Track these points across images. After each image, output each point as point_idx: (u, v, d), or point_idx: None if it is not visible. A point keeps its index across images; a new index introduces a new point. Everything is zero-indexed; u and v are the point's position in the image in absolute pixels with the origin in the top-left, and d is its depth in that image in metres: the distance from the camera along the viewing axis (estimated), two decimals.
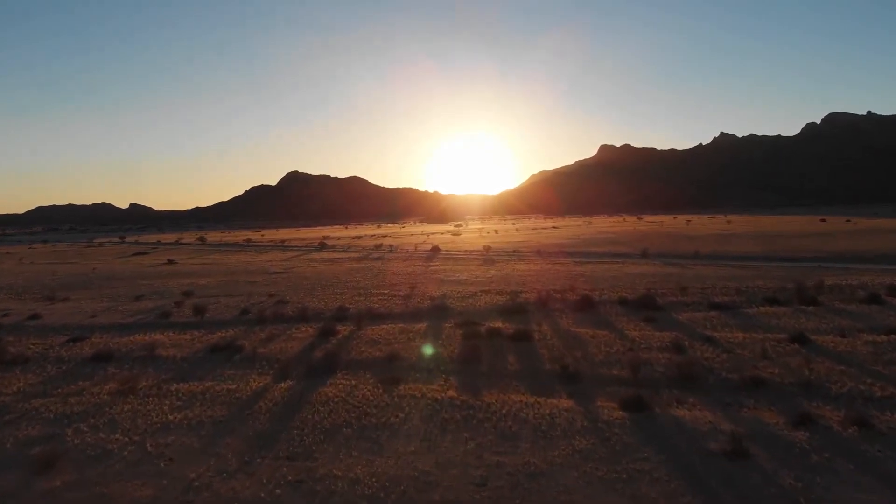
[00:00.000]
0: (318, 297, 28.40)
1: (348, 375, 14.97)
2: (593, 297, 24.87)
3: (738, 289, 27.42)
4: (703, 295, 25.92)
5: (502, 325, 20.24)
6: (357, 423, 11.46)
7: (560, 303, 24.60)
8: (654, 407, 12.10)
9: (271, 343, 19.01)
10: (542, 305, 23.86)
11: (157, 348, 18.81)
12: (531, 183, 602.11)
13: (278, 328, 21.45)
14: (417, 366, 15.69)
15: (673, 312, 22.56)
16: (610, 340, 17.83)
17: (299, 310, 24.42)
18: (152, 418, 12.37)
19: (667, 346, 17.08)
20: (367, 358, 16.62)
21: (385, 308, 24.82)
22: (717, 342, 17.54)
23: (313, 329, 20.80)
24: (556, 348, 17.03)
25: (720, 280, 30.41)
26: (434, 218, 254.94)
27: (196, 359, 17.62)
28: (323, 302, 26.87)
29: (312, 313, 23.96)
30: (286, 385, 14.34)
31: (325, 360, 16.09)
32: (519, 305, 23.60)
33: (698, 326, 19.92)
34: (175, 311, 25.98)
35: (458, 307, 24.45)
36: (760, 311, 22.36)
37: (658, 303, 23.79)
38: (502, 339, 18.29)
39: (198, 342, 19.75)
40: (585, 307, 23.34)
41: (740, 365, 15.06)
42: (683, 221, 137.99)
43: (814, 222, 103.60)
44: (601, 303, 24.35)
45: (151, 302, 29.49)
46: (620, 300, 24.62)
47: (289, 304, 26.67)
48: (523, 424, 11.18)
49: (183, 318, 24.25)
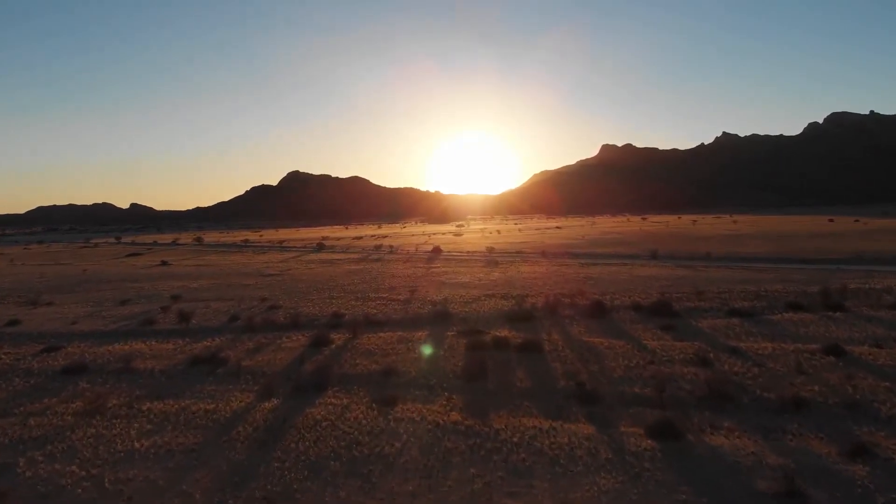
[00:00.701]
0: (312, 302, 26.91)
1: (340, 393, 13.48)
2: (605, 303, 23.35)
3: (756, 293, 25.92)
4: (722, 300, 24.42)
5: (509, 334, 18.74)
6: (346, 455, 9.96)
7: (570, 308, 23.09)
8: (687, 433, 10.60)
9: (258, 354, 17.52)
10: (550, 311, 22.35)
11: (135, 360, 17.34)
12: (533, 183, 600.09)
13: (268, 337, 19.96)
14: (417, 381, 14.18)
15: (691, 319, 21.05)
16: (628, 352, 16.32)
17: (291, 316, 22.93)
18: (116, 446, 10.88)
19: (690, 358, 15.58)
20: (362, 372, 15.12)
21: (383, 314, 23.32)
22: (744, 354, 16.03)
23: (305, 338, 19.31)
24: (569, 361, 15.52)
25: (736, 283, 28.89)
26: (435, 218, 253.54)
27: (175, 372, 16.13)
28: (317, 307, 25.38)
29: (305, 320, 22.47)
30: (270, 405, 12.85)
31: (315, 374, 14.59)
32: (526, 311, 22.09)
33: (721, 335, 18.42)
34: (160, 317, 24.52)
35: (460, 313, 22.96)
36: (785, 318, 20.85)
37: (674, 309, 22.27)
38: (510, 349, 16.78)
39: (179, 353, 18.27)
40: (597, 313, 21.83)
41: (775, 382, 13.56)
42: (689, 222, 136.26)
43: (822, 222, 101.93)
44: (614, 308, 22.83)
45: (138, 307, 28.02)
46: (634, 306, 23.10)
47: (281, 309, 25.19)
48: (538, 457, 9.67)
49: (167, 325, 22.78)
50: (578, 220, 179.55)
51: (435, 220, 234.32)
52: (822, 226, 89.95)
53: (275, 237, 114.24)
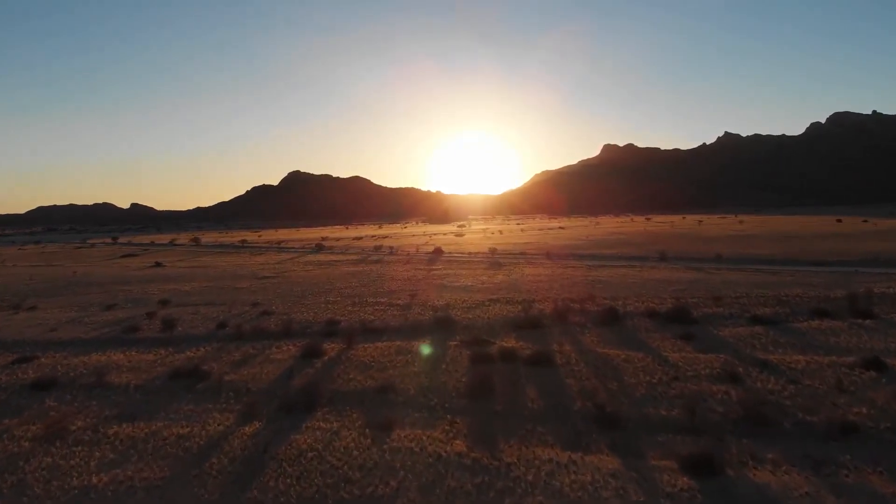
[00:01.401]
0: (307, 307, 25.49)
1: (330, 414, 12.06)
2: (617, 309, 21.91)
3: (777, 298, 24.48)
4: (741, 305, 22.99)
5: (516, 344, 17.32)
6: (334, 496, 8.53)
7: (580, 315, 21.66)
8: (727, 468, 9.18)
9: (244, 367, 16.10)
10: (560, 318, 20.91)
11: (111, 373, 15.95)
12: (534, 183, 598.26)
13: (256, 346, 18.55)
14: (416, 400, 12.76)
15: (711, 327, 19.62)
16: (648, 366, 14.89)
17: (284, 323, 21.51)
18: (72, 480, 9.48)
19: (718, 373, 14.15)
20: (356, 389, 13.70)
21: (381, 321, 21.89)
22: (776, 368, 14.59)
23: (296, 348, 17.89)
24: (584, 376, 14.08)
25: (753, 287, 27.44)
26: (436, 218, 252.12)
27: (152, 388, 14.72)
28: (312, 313, 23.95)
29: (298, 327, 21.05)
30: (252, 428, 11.44)
31: (304, 391, 13.17)
32: (534, 318, 20.65)
33: (746, 346, 16.99)
34: (145, 323, 23.10)
35: (463, 319, 21.53)
36: (812, 327, 19.41)
37: (692, 315, 20.84)
38: (518, 362, 15.35)
39: (159, 365, 16.85)
40: (610, 321, 20.39)
41: (816, 402, 12.14)
42: (694, 222, 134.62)
43: (830, 223, 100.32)
44: (627, 315, 21.39)
45: (123, 312, 26.61)
46: (649, 312, 21.66)
47: (273, 315, 23.77)
48: (558, 500, 8.24)
49: (151, 333, 21.36)
50: (581, 221, 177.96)
51: (436, 221, 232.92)
52: (830, 226, 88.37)
53: (273, 237, 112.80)
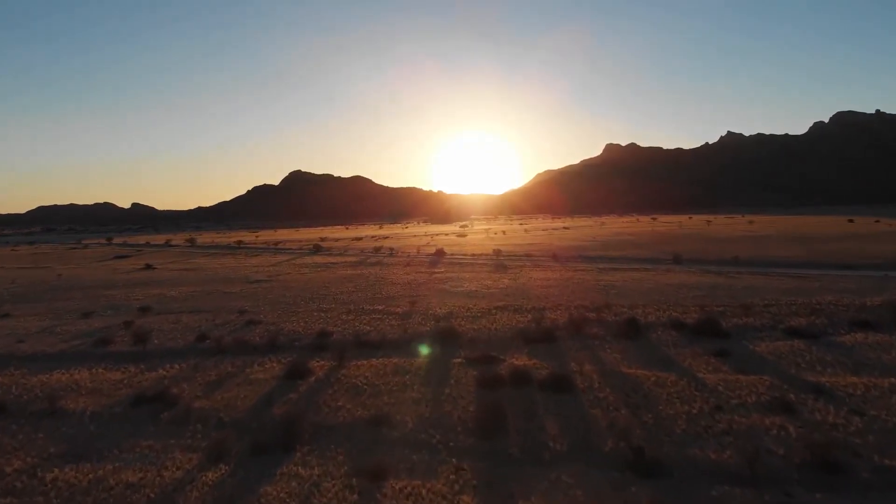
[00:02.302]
0: (297, 316, 23.46)
1: (312, 455, 10.06)
2: (638, 319, 19.88)
3: (809, 306, 22.43)
4: (772, 315, 20.94)
5: (529, 362, 15.31)
6: None
7: (597, 325, 19.62)
8: None
9: (219, 389, 14.08)
10: (575, 330, 18.87)
11: (67, 397, 13.97)
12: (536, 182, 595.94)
13: (237, 363, 16.54)
14: (414, 437, 10.74)
15: (745, 341, 17.59)
16: (684, 391, 12.85)
17: (270, 335, 19.51)
18: None
19: (767, 401, 12.13)
20: (344, 421, 11.68)
21: (377, 332, 19.86)
22: (832, 394, 12.56)
23: (280, 366, 15.88)
24: (612, 405, 12.05)
25: (781, 294, 25.39)
26: (438, 218, 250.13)
27: (110, 416, 12.73)
28: (302, 323, 21.93)
29: (285, 340, 19.04)
30: (216, 475, 9.45)
31: (283, 424, 11.17)
32: (546, 330, 18.61)
33: (790, 365, 14.97)
34: (120, 335, 21.09)
35: (468, 331, 19.49)
36: (857, 341, 17.37)
37: (722, 327, 18.80)
38: (533, 386, 13.32)
39: (125, 386, 14.85)
40: (631, 333, 18.35)
41: (891, 439, 10.15)
42: (701, 222, 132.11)
43: (842, 223, 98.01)
44: (650, 326, 19.35)
45: (100, 321, 24.62)
46: (673, 323, 19.61)
47: (260, 325, 21.76)
48: None
49: (124, 346, 19.34)
50: (585, 221, 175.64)
51: (438, 221, 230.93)
52: (844, 227, 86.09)
53: (271, 238, 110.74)
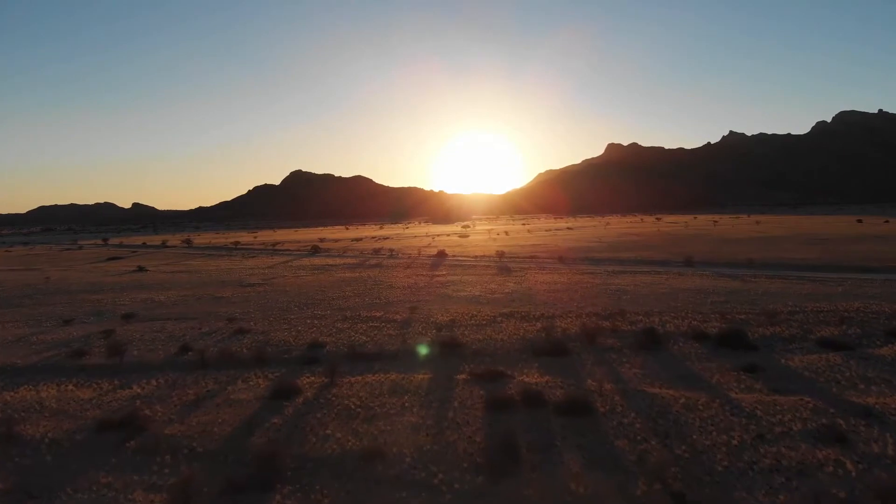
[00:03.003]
0: (289, 324, 21.97)
1: (292, 499, 8.58)
2: (656, 328, 18.39)
3: (838, 314, 20.93)
4: (800, 324, 19.44)
5: (541, 379, 13.81)
6: None
7: (612, 336, 18.12)
8: None
9: (195, 412, 12.59)
10: (589, 341, 17.38)
11: (28, 420, 12.50)
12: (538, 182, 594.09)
13: (219, 378, 15.07)
14: (412, 476, 9.25)
15: (775, 354, 16.11)
16: (717, 415, 11.34)
17: (258, 346, 18.05)
18: None
19: (814, 428, 10.63)
20: (332, 454, 10.17)
21: (374, 343, 18.37)
22: (885, 420, 11.08)
23: (266, 383, 14.41)
24: (639, 434, 10.55)
25: (804, 300, 23.89)
26: (439, 218, 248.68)
27: (71, 444, 11.26)
28: (294, 332, 20.43)
29: (274, 352, 17.57)
30: None
31: (263, 458, 9.70)
32: (558, 342, 17.11)
33: (830, 383, 13.49)
34: (98, 345, 19.62)
35: (473, 342, 18.01)
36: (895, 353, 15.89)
37: (749, 338, 17.30)
38: (547, 410, 11.81)
39: (92, 407, 13.37)
40: (650, 344, 16.87)
41: None
42: (707, 222, 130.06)
43: (850, 223, 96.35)
44: (669, 337, 17.84)
45: (80, 328, 23.16)
46: (695, 333, 18.10)
47: (248, 334, 20.27)
48: None
49: (99, 359, 17.87)
50: (589, 221, 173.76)
51: (439, 221, 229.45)
52: (853, 227, 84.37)
53: (270, 239, 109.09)
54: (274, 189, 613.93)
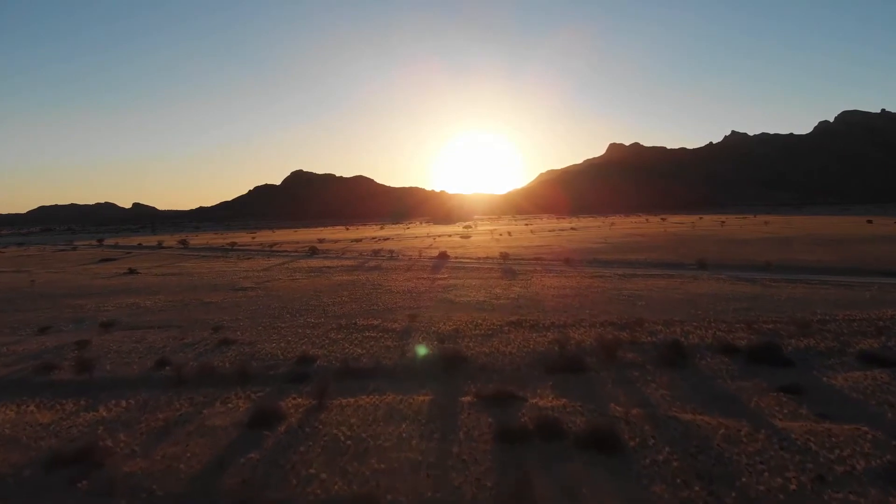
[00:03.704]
0: (279, 333, 20.39)
1: None
2: (680, 341, 16.78)
3: (873, 324, 19.36)
4: (835, 335, 17.84)
5: (558, 402, 12.21)
6: None
7: (632, 349, 16.51)
8: None
9: (164, 442, 11.00)
10: (607, 355, 15.77)
11: None
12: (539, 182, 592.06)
13: (196, 399, 13.49)
14: None
15: (815, 370, 14.51)
16: (766, 450, 9.74)
17: (241, 360, 16.46)
18: None
19: (880, 466, 9.09)
20: (316, 501, 8.59)
21: (369, 357, 16.78)
22: None
23: (247, 405, 12.82)
24: (678, 476, 8.94)
25: (833, 307, 22.27)
26: (441, 218, 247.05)
27: (16, 482, 9.71)
28: (283, 343, 18.83)
29: (259, 367, 15.98)
30: None
31: None
32: (573, 357, 15.51)
33: (883, 406, 11.91)
34: (70, 357, 18.04)
35: (478, 355, 16.42)
36: None
37: (783, 352, 15.69)
38: (567, 443, 10.22)
39: (49, 435, 11.79)
40: (675, 359, 15.26)
41: None
42: (713, 222, 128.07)
43: (860, 224, 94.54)
44: (695, 350, 16.23)
45: (55, 338, 21.59)
46: (722, 345, 16.50)
47: (233, 346, 18.67)
48: None
49: (69, 375, 16.28)
50: (592, 221, 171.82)
51: (440, 221, 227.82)
52: (864, 228, 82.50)
53: (268, 239, 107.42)
54: (275, 189, 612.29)
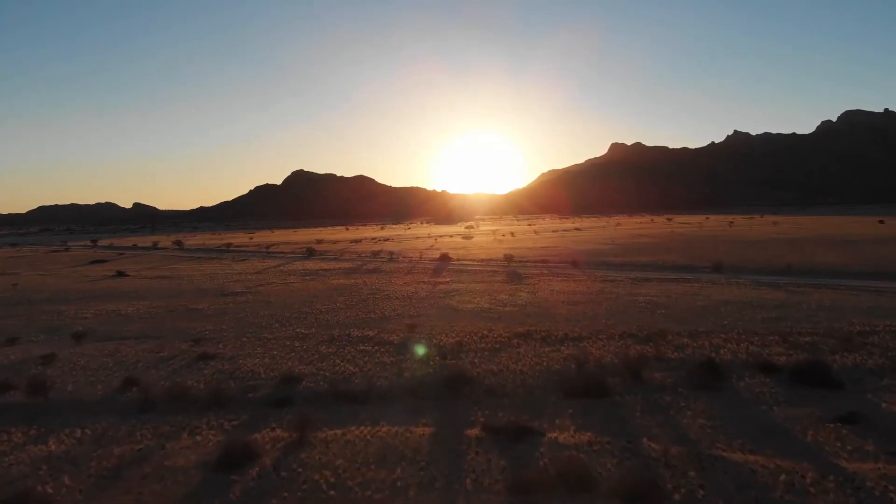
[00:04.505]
0: (264, 347, 18.53)
1: None
2: (713, 358, 14.92)
3: None
4: (882, 351, 15.99)
5: (581, 438, 10.37)
6: None
7: (659, 367, 14.65)
8: None
9: (113, 488, 9.17)
10: (632, 375, 13.93)
11: None
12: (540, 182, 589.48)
13: (161, 429, 11.66)
14: None
15: (870, 394, 12.66)
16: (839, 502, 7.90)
17: (219, 379, 14.65)
18: None
19: None
20: None
21: (362, 376, 14.93)
22: None
23: (218, 437, 10.99)
24: None
25: (869, 316, 20.41)
26: (442, 218, 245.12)
27: None
28: (267, 359, 16.97)
29: (237, 388, 14.14)
30: None
31: None
32: (594, 378, 13.65)
33: None
34: (32, 374, 16.20)
35: (485, 374, 14.59)
36: None
37: (831, 372, 13.83)
38: (599, 494, 8.37)
39: None
40: (709, 380, 13.39)
41: None
42: (720, 223, 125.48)
43: (872, 224, 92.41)
44: (730, 368, 14.35)
45: (22, 349, 19.81)
46: (759, 363, 14.64)
47: (213, 361, 16.83)
48: None
49: (22, 397, 14.44)
50: (596, 221, 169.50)
51: (441, 221, 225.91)
52: (877, 229, 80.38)
53: (266, 240, 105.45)
54: (275, 189, 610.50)
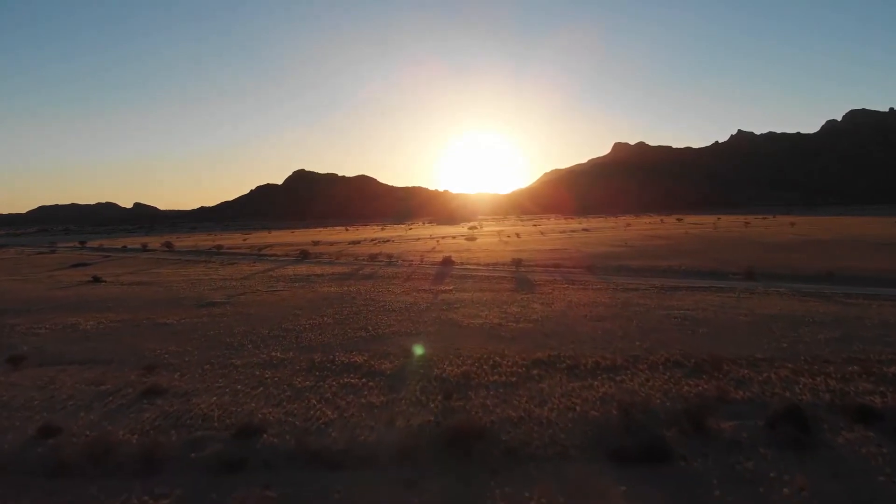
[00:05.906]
0: (228, 378, 15.19)
1: None
2: (797, 402, 11.60)
3: None
4: None
5: None
6: None
7: (726, 414, 11.31)
8: None
9: None
10: (693, 423, 10.63)
11: None
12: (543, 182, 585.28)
13: None
14: None
15: None
16: None
17: (158, 429, 11.38)
18: None
19: None
20: None
21: (342, 425, 11.62)
22: None
23: None
24: None
25: None
26: (444, 218, 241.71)
27: None
28: (228, 396, 13.61)
29: (179, 443, 10.84)
30: None
31: None
32: (647, 433, 10.37)
33: None
34: None
35: (502, 424, 11.29)
36: None
37: None
38: None
39: None
40: (798, 436, 10.12)
41: None
42: (734, 223, 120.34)
43: (890, 224, 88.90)
44: (816, 415, 11.04)
45: None
46: (849, 406, 11.32)
47: (160, 399, 13.51)
48: None
49: None
50: (603, 222, 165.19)
51: (443, 221, 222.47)
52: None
53: (261, 241, 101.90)
54: (277, 189, 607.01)
